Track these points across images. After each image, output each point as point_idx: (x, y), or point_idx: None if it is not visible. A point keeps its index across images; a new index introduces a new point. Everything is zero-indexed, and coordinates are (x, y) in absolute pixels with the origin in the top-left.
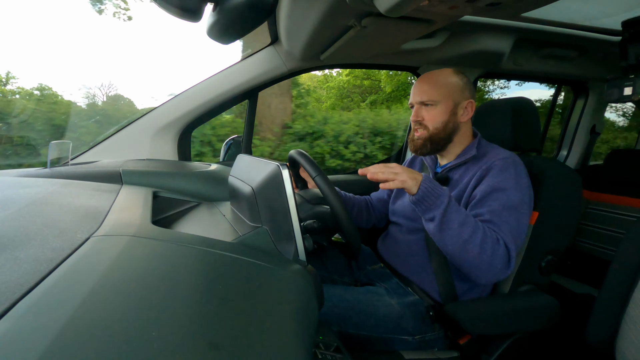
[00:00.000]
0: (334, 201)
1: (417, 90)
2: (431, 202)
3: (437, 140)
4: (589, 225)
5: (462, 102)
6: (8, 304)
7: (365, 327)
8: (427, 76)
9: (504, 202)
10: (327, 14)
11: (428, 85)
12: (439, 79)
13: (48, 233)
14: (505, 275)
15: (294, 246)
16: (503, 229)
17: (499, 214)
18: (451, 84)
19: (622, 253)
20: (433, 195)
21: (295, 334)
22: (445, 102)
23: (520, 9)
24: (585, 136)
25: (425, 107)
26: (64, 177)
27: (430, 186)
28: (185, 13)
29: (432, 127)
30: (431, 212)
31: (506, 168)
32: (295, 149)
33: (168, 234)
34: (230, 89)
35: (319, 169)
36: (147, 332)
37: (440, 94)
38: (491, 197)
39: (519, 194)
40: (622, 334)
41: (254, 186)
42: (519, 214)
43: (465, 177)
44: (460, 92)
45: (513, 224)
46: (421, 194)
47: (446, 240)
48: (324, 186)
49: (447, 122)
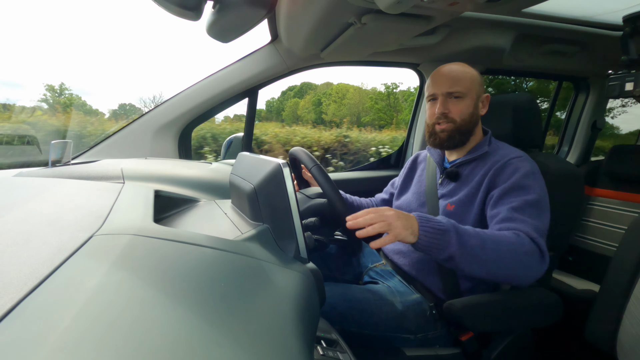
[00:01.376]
0: (329, 189)
1: (443, 81)
2: (438, 243)
3: (465, 133)
4: (590, 221)
5: (482, 95)
6: (11, 303)
7: (367, 325)
8: (451, 68)
9: (525, 198)
10: (327, 12)
11: (456, 76)
12: (464, 71)
13: (50, 232)
14: (544, 269)
15: (295, 244)
16: (527, 224)
17: (522, 210)
18: (474, 76)
19: (623, 249)
20: (437, 235)
21: (297, 331)
22: (470, 94)
23: (520, 5)
24: (587, 132)
25: (453, 99)
26: (66, 177)
27: (429, 227)
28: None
29: (460, 119)
30: (444, 252)
31: (522, 167)
32: (294, 147)
33: (170, 233)
34: (230, 87)
35: (315, 161)
36: (150, 331)
37: (467, 85)
38: (511, 194)
39: (538, 191)
40: (623, 329)
41: (255, 184)
42: (540, 211)
43: (477, 174)
44: (480, 85)
45: (536, 218)
46: (424, 241)
47: (474, 269)
48: (319, 176)
49: (472, 113)
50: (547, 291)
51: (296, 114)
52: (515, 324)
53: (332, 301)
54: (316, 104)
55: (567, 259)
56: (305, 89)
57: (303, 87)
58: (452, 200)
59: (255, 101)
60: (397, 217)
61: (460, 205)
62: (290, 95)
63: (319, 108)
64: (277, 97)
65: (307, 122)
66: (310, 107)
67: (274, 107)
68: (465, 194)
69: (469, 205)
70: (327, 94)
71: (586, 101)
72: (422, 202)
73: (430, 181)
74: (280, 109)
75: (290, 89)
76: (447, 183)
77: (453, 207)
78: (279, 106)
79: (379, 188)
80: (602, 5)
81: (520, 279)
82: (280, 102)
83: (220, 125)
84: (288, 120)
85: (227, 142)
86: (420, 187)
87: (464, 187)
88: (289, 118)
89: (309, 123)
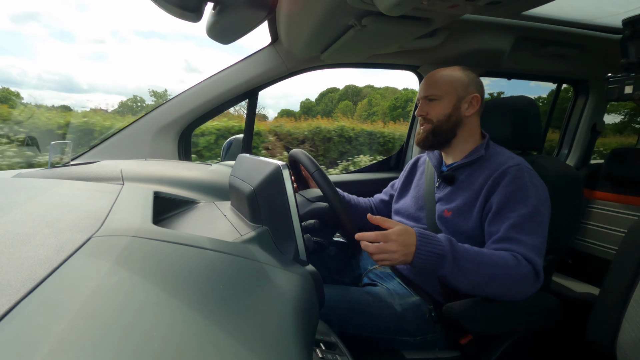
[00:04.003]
0: (332, 195)
1: (422, 86)
2: (433, 265)
3: (440, 133)
4: (590, 224)
5: (466, 96)
6: (10, 304)
7: (366, 328)
8: (432, 73)
9: (522, 212)
10: (327, 14)
11: (431, 81)
12: (442, 75)
13: (49, 233)
14: (537, 289)
15: (294, 246)
16: (524, 243)
17: (519, 227)
18: (455, 79)
19: (622, 252)
20: (432, 258)
21: (296, 333)
22: (447, 96)
23: (520, 8)
24: (586, 135)
25: (429, 102)
26: (65, 178)
27: (426, 250)
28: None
29: (436, 119)
30: (437, 272)
31: (520, 176)
32: (295, 149)
33: (169, 234)
34: (230, 89)
35: (317, 165)
36: (148, 333)
37: (443, 88)
38: (508, 208)
39: (534, 202)
40: (623, 333)
41: (255, 186)
42: (538, 222)
43: (474, 182)
44: (464, 87)
45: (534, 234)
46: (419, 263)
47: (464, 287)
48: (321, 181)
49: (450, 115)
50: (546, 294)
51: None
52: (514, 327)
53: (331, 303)
54: (369, 105)
55: (567, 262)
56: (350, 92)
57: (348, 90)
58: (449, 206)
59: (255, 102)
60: (399, 241)
61: (458, 212)
62: (335, 97)
63: (372, 109)
64: (315, 99)
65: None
66: (366, 107)
67: (312, 108)
68: (464, 202)
69: (466, 214)
70: (374, 96)
71: (586, 104)
72: (420, 206)
73: (429, 185)
74: (327, 110)
75: (330, 91)
76: (443, 187)
77: (450, 214)
78: (324, 108)
79: (379, 190)
80: (601, 8)
81: (511, 298)
82: (325, 105)
83: None
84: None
85: (227, 143)
86: (419, 191)
87: (462, 194)
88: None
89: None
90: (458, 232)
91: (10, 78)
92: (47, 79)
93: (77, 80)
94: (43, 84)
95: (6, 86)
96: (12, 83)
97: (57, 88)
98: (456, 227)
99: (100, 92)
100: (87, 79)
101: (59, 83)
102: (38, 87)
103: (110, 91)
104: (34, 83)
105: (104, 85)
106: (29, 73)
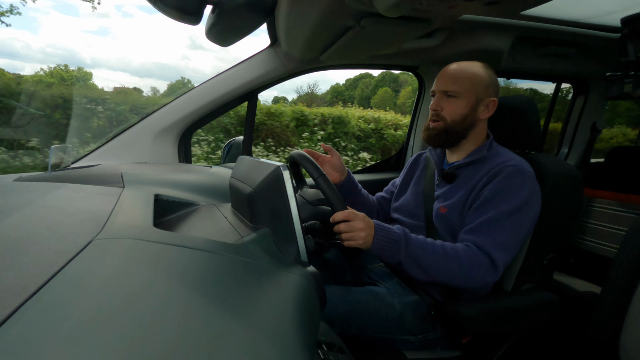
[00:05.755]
0: (337, 203)
1: (441, 79)
2: (389, 251)
3: (452, 134)
4: (591, 223)
5: (485, 99)
6: (12, 308)
7: (368, 328)
8: (454, 67)
9: (502, 209)
10: (325, 15)
11: (452, 75)
12: (465, 71)
13: (50, 236)
14: (494, 280)
15: (295, 247)
16: (487, 237)
17: (488, 224)
18: (478, 78)
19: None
20: (387, 243)
21: (298, 335)
22: (467, 95)
23: (519, 7)
24: (586, 134)
25: (447, 97)
26: (66, 181)
27: (382, 236)
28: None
29: (450, 119)
30: (393, 258)
31: (513, 175)
32: (296, 151)
33: (170, 237)
34: (230, 91)
35: (320, 170)
36: (150, 335)
37: (463, 86)
38: (490, 204)
39: (517, 202)
40: (625, 331)
41: (255, 187)
42: (515, 222)
43: (473, 179)
44: (485, 88)
45: (502, 232)
46: (376, 248)
47: (417, 274)
48: (326, 187)
49: (466, 116)
50: (545, 292)
51: (387, 101)
52: (515, 326)
53: (333, 304)
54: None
55: (568, 261)
56: (387, 79)
57: (385, 76)
58: (445, 203)
59: (255, 104)
60: (367, 225)
61: (453, 209)
62: (371, 82)
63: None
64: (343, 84)
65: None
66: (411, 95)
67: (344, 93)
68: (460, 198)
69: (461, 210)
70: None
71: (585, 103)
72: (419, 203)
73: (428, 182)
74: (363, 96)
75: (363, 76)
76: (443, 184)
77: (446, 210)
78: (360, 94)
79: (379, 190)
80: (600, 7)
81: (464, 286)
82: (362, 91)
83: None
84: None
85: (227, 145)
86: (419, 188)
87: (459, 191)
88: (377, 105)
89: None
90: (453, 228)
91: (15, 51)
92: (51, 52)
93: (81, 55)
94: (47, 58)
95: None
96: (17, 56)
97: (61, 63)
98: (451, 223)
99: (104, 68)
100: (91, 53)
101: (62, 57)
102: (42, 62)
103: (114, 67)
104: (38, 57)
105: (108, 61)
106: (33, 47)
